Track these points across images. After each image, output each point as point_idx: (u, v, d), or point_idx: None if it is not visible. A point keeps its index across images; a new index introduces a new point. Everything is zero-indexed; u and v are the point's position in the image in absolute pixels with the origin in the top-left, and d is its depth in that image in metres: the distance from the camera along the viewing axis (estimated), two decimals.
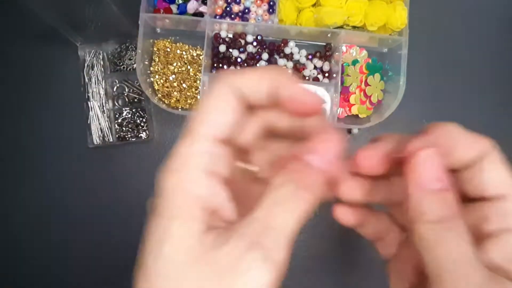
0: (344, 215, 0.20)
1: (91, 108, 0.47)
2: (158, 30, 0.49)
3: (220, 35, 0.48)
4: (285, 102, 0.17)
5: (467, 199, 0.18)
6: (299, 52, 0.48)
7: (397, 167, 0.18)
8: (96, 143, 0.47)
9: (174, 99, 0.47)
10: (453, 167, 0.18)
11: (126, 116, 0.48)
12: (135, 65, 0.48)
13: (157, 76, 0.47)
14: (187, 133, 0.16)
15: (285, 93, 0.17)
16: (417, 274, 0.20)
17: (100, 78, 0.48)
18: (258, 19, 0.48)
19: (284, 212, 0.15)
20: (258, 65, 0.48)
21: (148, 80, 0.47)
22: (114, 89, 0.49)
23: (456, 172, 0.18)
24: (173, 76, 0.47)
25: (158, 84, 0.47)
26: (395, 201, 0.20)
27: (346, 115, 0.48)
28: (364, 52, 0.48)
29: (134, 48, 0.48)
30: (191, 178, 0.16)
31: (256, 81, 0.17)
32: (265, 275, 0.14)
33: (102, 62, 0.48)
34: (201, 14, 0.47)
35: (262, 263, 0.14)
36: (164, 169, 0.16)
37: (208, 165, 0.16)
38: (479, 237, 0.17)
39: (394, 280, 0.20)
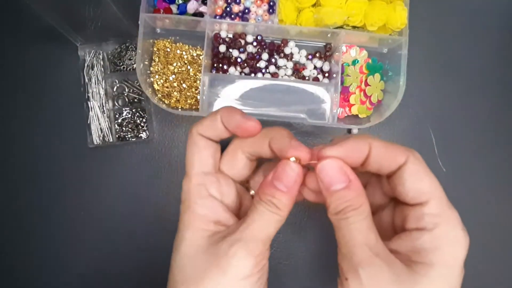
0: (310, 195, 0.26)
1: (91, 108, 0.47)
2: (158, 30, 0.49)
3: (220, 35, 0.48)
4: (234, 132, 0.25)
5: (399, 200, 0.23)
6: (299, 52, 0.48)
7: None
8: (96, 143, 0.47)
9: (174, 99, 0.47)
10: (379, 173, 0.23)
11: (126, 116, 0.48)
12: (135, 65, 0.48)
13: (157, 76, 0.47)
14: (185, 174, 0.25)
15: (230, 126, 0.24)
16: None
17: (100, 78, 0.48)
18: (258, 19, 0.48)
19: (261, 225, 0.23)
20: (258, 65, 0.48)
21: (148, 80, 0.47)
22: (114, 89, 0.49)
23: (384, 178, 0.24)
24: (173, 76, 0.47)
25: (158, 84, 0.47)
26: None
27: (346, 115, 0.48)
28: (364, 52, 0.48)
29: (134, 48, 0.48)
30: (194, 203, 0.24)
31: (210, 124, 0.25)
32: (247, 260, 0.21)
33: (102, 62, 0.48)
34: (201, 14, 0.47)
35: (245, 253, 0.21)
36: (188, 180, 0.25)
37: (203, 192, 0.24)
38: (401, 231, 0.22)
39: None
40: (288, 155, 0.22)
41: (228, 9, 0.48)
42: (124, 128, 0.48)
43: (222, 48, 0.47)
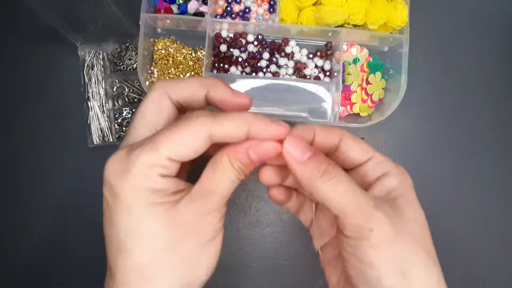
0: (277, 194, 0.27)
1: (91, 108, 0.47)
2: (159, 30, 0.49)
3: (221, 34, 0.48)
4: (217, 106, 0.24)
5: (350, 169, 0.26)
6: (300, 51, 0.48)
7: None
8: (96, 143, 0.47)
9: None
10: (323, 152, 0.25)
11: (126, 116, 0.48)
12: (135, 65, 0.48)
13: (157, 76, 0.47)
14: (150, 144, 0.22)
15: (214, 99, 0.24)
16: (332, 228, 0.28)
17: (100, 78, 0.48)
18: (259, 19, 0.48)
19: (229, 186, 0.23)
20: (259, 64, 0.48)
21: (148, 80, 0.47)
22: (114, 89, 0.48)
23: (330, 156, 0.26)
24: (174, 76, 0.47)
25: None
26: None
27: (347, 113, 0.48)
28: (365, 51, 0.48)
29: (134, 48, 0.48)
30: (151, 182, 0.22)
31: (186, 88, 0.24)
32: (218, 224, 0.23)
33: (102, 62, 0.48)
34: (201, 14, 0.47)
35: (218, 218, 0.23)
36: (124, 173, 0.22)
37: (163, 173, 0.22)
38: (367, 187, 0.25)
39: (316, 238, 0.29)
40: (267, 136, 0.23)
41: (228, 8, 0.48)
42: (124, 128, 0.48)
43: (223, 48, 0.47)
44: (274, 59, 0.48)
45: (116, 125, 0.48)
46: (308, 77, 0.48)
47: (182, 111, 0.25)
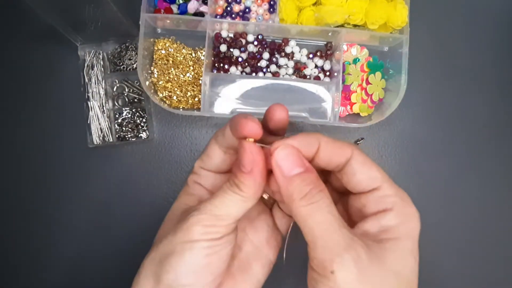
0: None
1: (91, 108, 0.47)
2: (159, 30, 0.49)
3: (221, 34, 0.48)
4: (236, 133, 0.24)
5: (352, 192, 0.24)
6: (300, 51, 0.48)
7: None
8: (96, 143, 0.47)
9: (175, 99, 0.47)
10: (327, 169, 0.24)
11: (126, 116, 0.48)
12: (135, 65, 0.48)
13: (157, 76, 0.47)
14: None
15: (233, 130, 0.24)
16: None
17: (100, 78, 0.48)
18: (259, 19, 0.48)
19: (220, 202, 0.23)
20: (259, 64, 0.48)
21: (148, 80, 0.47)
22: (114, 89, 0.48)
23: (334, 173, 0.24)
24: (174, 76, 0.47)
25: (159, 84, 0.47)
26: None
27: (347, 113, 0.48)
28: (365, 51, 0.48)
29: (134, 48, 0.48)
30: (187, 185, 0.28)
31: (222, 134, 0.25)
32: (195, 227, 0.22)
33: (102, 62, 0.48)
34: (201, 14, 0.47)
35: (195, 221, 0.22)
36: None
37: (195, 179, 0.27)
38: (362, 218, 0.23)
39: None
40: (238, 134, 0.23)
41: (228, 8, 0.48)
42: (124, 128, 0.48)
43: (223, 48, 0.47)
44: (274, 59, 0.48)
45: (116, 125, 0.48)
46: (308, 77, 0.48)
47: None
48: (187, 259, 0.22)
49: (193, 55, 0.48)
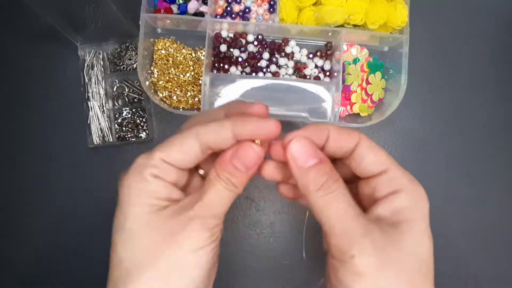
0: (285, 192, 0.26)
1: (91, 108, 0.47)
2: (159, 30, 0.49)
3: (221, 34, 0.48)
4: (251, 137, 0.23)
5: (361, 178, 0.24)
6: (300, 51, 0.48)
7: None
8: (96, 143, 0.47)
9: (175, 99, 0.47)
10: (336, 156, 0.24)
11: (126, 116, 0.48)
12: (135, 65, 0.48)
13: (157, 76, 0.47)
14: (150, 151, 0.23)
15: (244, 132, 0.22)
16: None
17: (100, 78, 0.48)
18: (259, 19, 0.48)
19: (217, 201, 0.22)
20: (259, 64, 0.48)
21: (148, 80, 0.47)
22: (114, 89, 0.48)
23: (343, 160, 0.24)
24: (174, 76, 0.47)
25: (159, 84, 0.47)
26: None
27: (347, 113, 0.48)
28: (365, 51, 0.48)
29: (134, 48, 0.48)
30: (135, 181, 0.23)
31: (215, 131, 0.23)
32: (203, 233, 0.21)
33: (102, 62, 0.48)
34: (201, 14, 0.47)
35: (201, 227, 0.21)
36: (125, 174, 0.23)
37: (155, 173, 0.22)
38: (374, 202, 0.23)
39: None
40: (251, 137, 0.22)
41: (228, 8, 0.48)
42: (124, 128, 0.48)
43: (223, 48, 0.47)
44: (274, 59, 0.48)
45: (116, 125, 0.48)
46: (308, 77, 0.48)
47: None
48: (203, 265, 0.21)
49: (193, 55, 0.48)
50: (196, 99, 0.47)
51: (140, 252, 0.21)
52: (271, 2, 0.48)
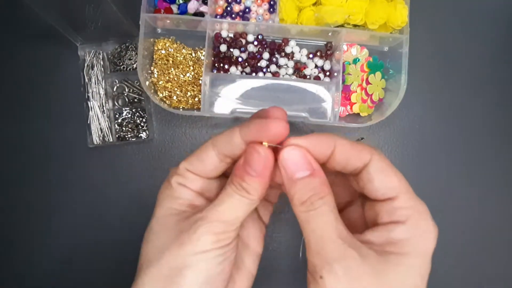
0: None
1: (91, 108, 0.47)
2: (159, 30, 0.49)
3: (221, 34, 0.48)
4: (256, 138, 0.23)
5: (368, 198, 0.23)
6: (300, 51, 0.48)
7: None
8: (96, 143, 0.47)
9: (175, 99, 0.47)
10: (344, 171, 0.23)
11: (126, 116, 0.48)
12: (135, 65, 0.48)
13: (157, 76, 0.47)
14: (177, 167, 0.25)
15: (250, 134, 0.23)
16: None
17: (100, 78, 0.48)
18: (259, 19, 0.48)
19: (227, 207, 0.22)
20: (259, 64, 0.48)
21: (148, 80, 0.47)
22: (114, 89, 0.48)
23: (353, 177, 0.23)
24: (174, 76, 0.47)
25: (159, 84, 0.47)
26: None
27: (347, 113, 0.48)
28: (365, 51, 0.48)
29: (134, 48, 0.48)
30: (168, 189, 0.25)
31: (226, 139, 0.23)
32: (206, 236, 0.21)
33: (102, 62, 0.48)
34: (201, 14, 0.47)
35: (205, 230, 0.21)
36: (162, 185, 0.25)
37: (180, 181, 0.24)
38: (373, 225, 0.22)
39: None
40: (260, 139, 0.22)
41: (228, 8, 0.48)
42: (124, 128, 0.48)
43: (223, 48, 0.47)
44: (274, 59, 0.48)
45: (116, 125, 0.48)
46: (308, 77, 0.48)
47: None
48: (202, 270, 0.21)
49: (193, 55, 0.48)
50: (196, 99, 0.47)
51: (153, 249, 0.23)
52: (271, 2, 0.48)
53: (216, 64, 0.48)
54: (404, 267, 0.20)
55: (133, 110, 0.48)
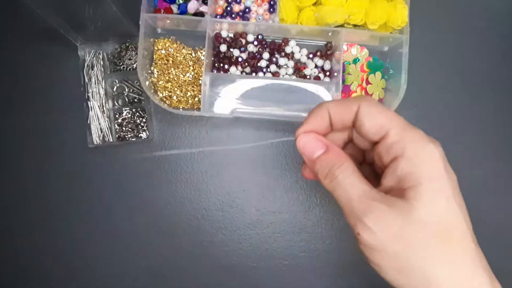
0: (308, 174, 0.27)
1: (91, 108, 0.47)
2: (159, 30, 0.49)
3: (221, 34, 0.48)
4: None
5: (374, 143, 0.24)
6: (300, 51, 0.48)
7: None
8: (96, 143, 0.47)
9: (175, 99, 0.47)
10: (344, 127, 0.25)
11: (126, 116, 0.48)
12: (135, 65, 0.48)
13: (157, 76, 0.47)
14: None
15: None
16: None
17: (100, 78, 0.48)
18: (259, 19, 0.48)
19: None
20: (259, 64, 0.48)
21: (148, 80, 0.47)
22: (114, 89, 0.48)
23: (353, 128, 0.25)
24: (174, 76, 0.47)
25: (159, 84, 0.47)
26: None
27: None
28: (365, 51, 0.48)
29: (134, 48, 0.48)
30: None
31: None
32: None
33: (102, 62, 0.48)
34: (201, 14, 0.47)
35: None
36: None
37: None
38: (383, 168, 0.23)
39: None
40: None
41: (228, 8, 0.48)
42: (124, 128, 0.48)
43: (223, 48, 0.47)
44: (274, 59, 0.48)
45: (116, 125, 0.48)
46: (308, 77, 0.48)
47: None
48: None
49: (193, 55, 0.48)
50: (196, 99, 0.47)
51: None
52: (271, 2, 0.48)
53: (216, 64, 0.48)
54: (425, 197, 0.20)
55: (133, 110, 0.48)
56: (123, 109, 0.48)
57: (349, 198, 0.22)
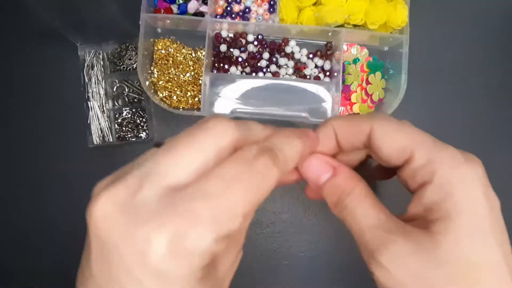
0: (311, 195, 0.24)
1: (91, 108, 0.47)
2: (159, 30, 0.49)
3: (221, 34, 0.48)
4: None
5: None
6: (300, 51, 0.48)
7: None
8: (96, 143, 0.47)
9: (175, 99, 0.47)
10: (354, 149, 0.21)
11: (126, 116, 0.48)
12: (135, 65, 0.48)
13: (157, 76, 0.47)
14: None
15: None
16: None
17: (100, 78, 0.48)
18: (259, 19, 0.48)
19: (236, 191, 0.16)
20: (259, 64, 0.48)
21: (148, 80, 0.47)
22: (114, 89, 0.48)
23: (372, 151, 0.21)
24: (174, 76, 0.47)
25: (159, 84, 0.47)
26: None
27: (347, 113, 0.48)
28: (365, 51, 0.48)
29: (134, 48, 0.48)
30: None
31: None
32: (207, 234, 0.15)
33: (102, 62, 0.48)
34: (201, 14, 0.47)
35: (208, 229, 0.15)
36: None
37: None
38: (412, 192, 0.19)
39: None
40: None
41: (228, 8, 0.48)
42: (124, 128, 0.48)
43: (223, 48, 0.47)
44: (274, 59, 0.48)
45: (116, 125, 0.48)
46: (308, 77, 0.48)
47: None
48: None
49: (193, 55, 0.48)
50: (196, 99, 0.47)
51: None
52: (271, 2, 0.48)
53: (216, 64, 0.48)
54: (453, 233, 0.16)
55: (133, 110, 0.48)
56: (123, 109, 0.48)
57: (361, 231, 0.19)
